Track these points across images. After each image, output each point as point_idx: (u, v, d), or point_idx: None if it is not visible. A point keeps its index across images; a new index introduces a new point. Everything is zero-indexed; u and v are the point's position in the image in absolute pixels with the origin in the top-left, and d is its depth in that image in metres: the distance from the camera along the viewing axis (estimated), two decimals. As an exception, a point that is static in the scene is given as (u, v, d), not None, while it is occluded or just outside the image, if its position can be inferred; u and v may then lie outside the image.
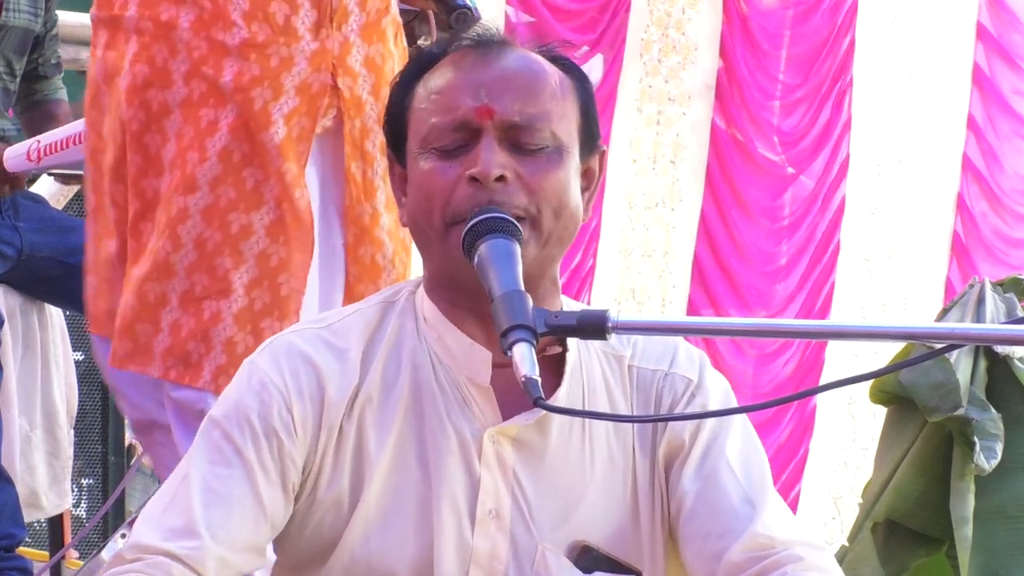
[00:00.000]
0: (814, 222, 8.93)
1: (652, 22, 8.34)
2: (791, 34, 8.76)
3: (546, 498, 2.05)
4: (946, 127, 9.68)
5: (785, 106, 8.79)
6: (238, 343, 2.91)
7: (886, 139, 9.40)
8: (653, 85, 8.42)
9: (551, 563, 2.04)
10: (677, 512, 2.08)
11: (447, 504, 2.02)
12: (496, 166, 1.99)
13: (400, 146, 2.10)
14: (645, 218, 8.50)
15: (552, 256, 2.05)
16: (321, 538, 2.05)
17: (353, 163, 3.03)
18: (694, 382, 2.12)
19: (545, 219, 2.02)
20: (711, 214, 8.61)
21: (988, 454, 4.91)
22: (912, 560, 5.06)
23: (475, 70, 2.04)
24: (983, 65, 9.68)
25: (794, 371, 8.72)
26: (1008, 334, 1.82)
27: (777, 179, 8.80)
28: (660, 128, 8.45)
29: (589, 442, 2.08)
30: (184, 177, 2.92)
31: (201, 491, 1.98)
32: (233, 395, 2.05)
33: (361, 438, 2.04)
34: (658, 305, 8.53)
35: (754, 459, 2.10)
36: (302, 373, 2.03)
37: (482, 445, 2.03)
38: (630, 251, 8.48)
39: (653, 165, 8.48)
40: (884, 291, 9.34)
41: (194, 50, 2.94)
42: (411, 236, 2.12)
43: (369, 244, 3.05)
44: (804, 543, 2.05)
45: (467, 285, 2.01)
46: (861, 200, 9.24)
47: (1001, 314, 5.06)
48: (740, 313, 8.49)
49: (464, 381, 2.05)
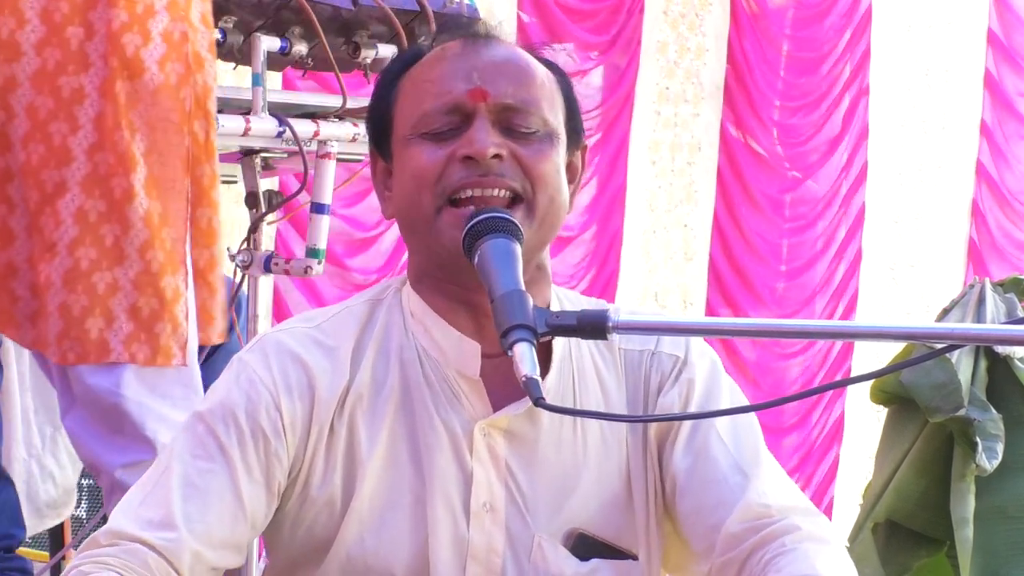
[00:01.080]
0: (831, 228, 8.91)
1: (667, 23, 8.32)
2: (796, 37, 8.75)
3: (540, 488, 2.04)
4: (961, 134, 9.71)
5: (787, 108, 8.78)
6: (142, 307, 2.85)
7: (906, 148, 9.42)
8: (670, 87, 8.40)
9: (548, 553, 2.03)
10: (672, 490, 2.07)
11: (441, 499, 2.02)
12: (492, 144, 1.99)
13: (383, 142, 2.09)
14: (665, 220, 8.49)
15: (542, 241, 2.05)
16: (315, 538, 2.04)
17: (196, 120, 2.94)
18: (680, 358, 2.12)
19: (540, 201, 2.01)
20: (723, 215, 8.60)
21: (989, 454, 4.91)
22: (914, 561, 5.07)
23: (466, 56, 2.04)
24: (992, 70, 9.72)
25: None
26: (1008, 334, 1.82)
27: (782, 180, 8.79)
28: (677, 130, 8.43)
29: (581, 429, 2.07)
30: (51, 150, 2.84)
31: (181, 484, 1.98)
32: (220, 391, 2.04)
33: (352, 437, 2.03)
34: (680, 307, 8.51)
35: (743, 428, 2.10)
36: (291, 372, 2.03)
37: (473, 438, 2.03)
38: (651, 254, 8.45)
39: (672, 167, 8.47)
40: (909, 298, 9.37)
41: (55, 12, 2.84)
42: (399, 228, 2.10)
43: (207, 207, 2.95)
44: (801, 510, 2.04)
45: (456, 272, 2.01)
46: (883, 209, 9.26)
47: (1001, 314, 5.06)
48: (756, 314, 8.49)
49: (453, 375, 2.05)
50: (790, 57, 8.81)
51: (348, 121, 3.55)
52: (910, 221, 9.50)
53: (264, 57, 3.38)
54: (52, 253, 2.84)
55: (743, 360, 8.52)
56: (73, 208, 2.83)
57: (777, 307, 8.64)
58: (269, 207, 3.59)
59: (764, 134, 8.69)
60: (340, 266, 6.71)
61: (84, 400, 2.90)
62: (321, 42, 3.40)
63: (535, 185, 2.01)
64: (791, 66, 8.81)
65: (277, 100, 3.46)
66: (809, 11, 8.82)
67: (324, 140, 3.52)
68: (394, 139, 2.07)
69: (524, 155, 2.01)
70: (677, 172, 8.49)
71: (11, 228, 2.89)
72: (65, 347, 2.87)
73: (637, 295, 8.42)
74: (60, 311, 2.85)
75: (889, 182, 9.32)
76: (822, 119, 8.89)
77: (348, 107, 3.50)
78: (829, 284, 8.94)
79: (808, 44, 8.83)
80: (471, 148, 1.99)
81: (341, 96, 3.47)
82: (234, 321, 3.73)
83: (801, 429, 8.79)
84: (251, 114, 3.38)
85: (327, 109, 3.54)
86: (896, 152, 9.37)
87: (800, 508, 2.05)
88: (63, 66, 2.84)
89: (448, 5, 3.59)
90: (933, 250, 9.53)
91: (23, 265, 2.89)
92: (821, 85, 8.88)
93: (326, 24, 3.43)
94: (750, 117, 8.59)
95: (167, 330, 2.88)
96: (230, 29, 3.35)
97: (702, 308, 8.57)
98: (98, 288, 2.84)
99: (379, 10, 3.50)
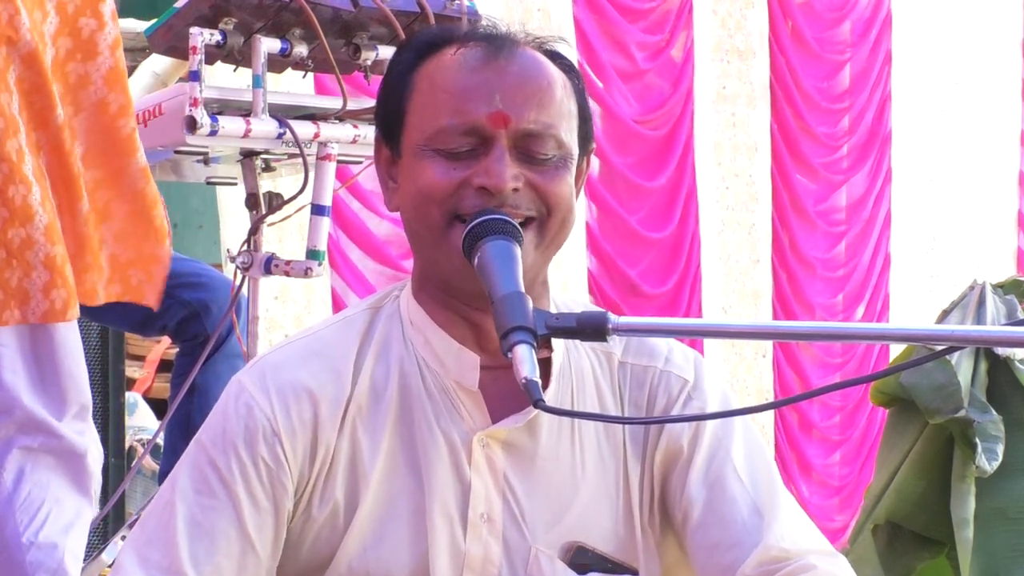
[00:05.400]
0: (863, 233, 8.89)
1: (717, 23, 8.30)
2: (825, 40, 8.72)
3: (538, 500, 2.04)
4: (1001, 146, 9.75)
5: (826, 111, 8.76)
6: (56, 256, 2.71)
7: (938, 158, 9.41)
8: (727, 86, 8.38)
9: (545, 566, 2.03)
10: (684, 520, 2.06)
11: (439, 510, 2.01)
12: (511, 178, 1.97)
13: (392, 134, 2.06)
14: (731, 221, 8.45)
15: (547, 259, 2.04)
16: (318, 553, 2.03)
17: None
18: (690, 383, 2.10)
19: (552, 224, 2.01)
20: (776, 218, 8.57)
21: (989, 456, 4.91)
22: (916, 563, 5.07)
23: (487, 72, 2.00)
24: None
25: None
26: (1009, 336, 1.81)
27: (826, 183, 8.78)
28: (736, 131, 8.41)
29: (579, 442, 2.07)
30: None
31: (186, 523, 1.98)
32: (219, 418, 2.03)
33: (354, 449, 2.02)
34: (751, 309, 8.47)
35: (760, 465, 2.09)
36: (291, 399, 2.01)
37: (471, 449, 2.02)
38: (727, 256, 8.41)
39: (734, 168, 8.44)
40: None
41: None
42: (405, 230, 2.08)
43: (20, 183, 2.75)
44: (818, 551, 2.04)
45: (460, 288, 2.01)
46: (919, 220, 9.25)
47: (1002, 316, 5.06)
48: (805, 317, 8.44)
49: (452, 385, 2.04)
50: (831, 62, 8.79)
51: (348, 123, 3.55)
52: (947, 233, 9.51)
53: (264, 59, 3.38)
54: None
55: (802, 371, 8.48)
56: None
57: (822, 310, 8.62)
58: (269, 209, 3.59)
59: (806, 136, 8.65)
60: (397, 268, 6.68)
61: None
62: (321, 44, 3.40)
63: (550, 210, 2.00)
64: (827, 71, 8.78)
65: (277, 102, 3.46)
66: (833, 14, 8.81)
67: (324, 142, 3.52)
68: (405, 141, 2.04)
69: (540, 183, 1.99)
70: (740, 172, 8.42)
71: None
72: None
73: (719, 298, 8.33)
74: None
75: (923, 191, 9.32)
76: (853, 124, 8.86)
77: (348, 109, 3.50)
78: (863, 292, 8.92)
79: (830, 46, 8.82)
80: (489, 181, 1.97)
81: (342, 98, 3.47)
82: (234, 323, 3.73)
83: (847, 443, 8.75)
84: (251, 116, 3.39)
85: (327, 111, 3.54)
86: (929, 163, 9.38)
87: (817, 550, 2.04)
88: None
89: (449, 6, 3.59)
90: (975, 261, 9.50)
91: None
92: (855, 90, 8.86)
93: (326, 26, 3.43)
94: (791, 119, 8.54)
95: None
96: (230, 31, 3.35)
97: (768, 310, 8.49)
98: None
99: (379, 12, 3.49)
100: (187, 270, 3.92)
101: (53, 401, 2.78)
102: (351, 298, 6.41)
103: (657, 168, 7.82)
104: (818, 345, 8.47)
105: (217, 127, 3.32)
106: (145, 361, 7.35)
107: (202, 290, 3.92)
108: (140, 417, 6.71)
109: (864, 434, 8.72)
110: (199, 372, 3.72)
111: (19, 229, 2.68)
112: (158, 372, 7.28)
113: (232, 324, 3.73)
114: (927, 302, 9.12)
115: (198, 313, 3.89)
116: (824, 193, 8.77)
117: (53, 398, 2.78)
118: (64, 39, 2.77)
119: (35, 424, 2.76)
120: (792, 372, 8.44)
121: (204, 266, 4.02)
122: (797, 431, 8.41)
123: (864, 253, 8.89)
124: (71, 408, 2.79)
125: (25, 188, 2.69)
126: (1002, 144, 9.82)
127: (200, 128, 3.30)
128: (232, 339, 3.84)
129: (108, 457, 5.33)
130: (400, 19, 3.52)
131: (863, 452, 8.70)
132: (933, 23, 9.36)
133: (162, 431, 3.91)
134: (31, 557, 2.75)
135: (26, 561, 2.75)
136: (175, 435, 3.91)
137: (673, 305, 7.75)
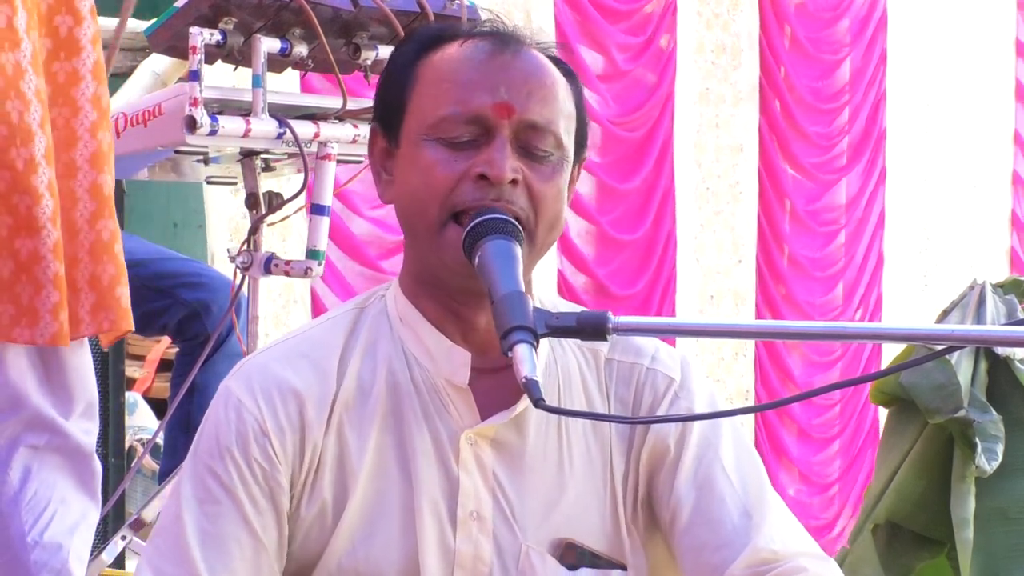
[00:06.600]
0: (856, 233, 8.90)
1: (702, 25, 8.30)
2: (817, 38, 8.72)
3: (527, 497, 2.04)
4: (995, 146, 9.75)
5: (820, 111, 8.76)
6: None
7: (932, 158, 9.42)
8: (710, 87, 8.38)
9: (535, 563, 2.03)
10: (672, 521, 2.06)
11: (428, 507, 2.02)
12: (511, 170, 1.98)
13: (391, 124, 2.06)
14: (714, 223, 8.45)
15: (534, 262, 2.04)
16: (308, 551, 2.04)
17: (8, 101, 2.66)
18: (676, 382, 2.10)
19: (540, 230, 2.01)
20: (763, 218, 8.57)
21: (989, 456, 4.91)
22: (916, 563, 5.07)
23: (492, 65, 2.01)
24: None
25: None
26: (1009, 336, 1.81)
27: (819, 183, 8.77)
28: (720, 132, 8.41)
29: (567, 439, 2.07)
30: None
31: (197, 532, 1.99)
32: (211, 425, 2.04)
33: (342, 447, 2.03)
34: (732, 309, 8.47)
35: (749, 466, 2.09)
36: (278, 400, 2.02)
37: (459, 447, 2.03)
38: (702, 257, 8.41)
39: (717, 168, 8.44)
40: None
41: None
42: (399, 222, 2.08)
43: (25, 194, 2.60)
44: (808, 554, 2.04)
45: (453, 286, 2.01)
46: (913, 219, 9.25)
47: (1001, 315, 5.06)
48: (794, 316, 8.45)
49: (442, 383, 2.04)
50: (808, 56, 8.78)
51: (348, 122, 3.55)
52: (940, 233, 9.51)
53: (264, 58, 3.38)
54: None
55: (787, 371, 8.48)
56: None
57: (812, 309, 8.62)
58: (269, 208, 3.59)
59: (796, 135, 8.65)
60: (376, 269, 6.69)
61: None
62: (321, 43, 3.40)
63: (538, 215, 2.00)
64: (820, 70, 8.78)
65: (277, 102, 3.46)
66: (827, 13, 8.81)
67: (324, 141, 3.52)
68: (405, 130, 2.04)
69: (534, 181, 1.99)
70: (723, 173, 8.42)
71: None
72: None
73: (694, 299, 8.33)
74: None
75: (918, 192, 9.32)
76: (847, 124, 8.86)
77: (348, 108, 3.50)
78: (854, 293, 8.92)
79: (824, 45, 8.82)
80: (490, 170, 1.97)
81: (341, 97, 3.47)
82: (234, 323, 3.73)
83: (843, 436, 8.75)
84: (251, 115, 3.39)
85: (327, 110, 3.54)
86: (923, 163, 9.38)
87: (807, 552, 2.04)
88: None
89: (449, 6, 3.59)
90: (969, 262, 9.50)
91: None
92: (846, 89, 8.86)
93: (326, 25, 3.43)
94: (782, 118, 8.54)
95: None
96: (230, 31, 3.35)
97: (751, 310, 8.50)
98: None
99: (379, 11, 3.49)
100: (187, 270, 3.93)
101: (60, 399, 2.77)
102: (330, 298, 6.42)
103: (632, 169, 7.83)
104: (808, 344, 8.48)
105: (217, 127, 3.32)
106: (145, 361, 7.35)
107: (202, 290, 3.92)
108: (140, 417, 6.72)
109: (855, 432, 8.73)
110: (199, 372, 3.72)
111: (25, 240, 2.63)
112: (158, 372, 7.28)
113: (232, 324, 3.74)
114: (920, 301, 9.13)
115: (198, 313, 3.90)
116: (817, 193, 8.78)
117: (60, 396, 2.77)
118: (43, 39, 2.73)
119: (42, 422, 2.75)
120: (776, 371, 8.45)
121: (204, 266, 4.03)
122: (778, 427, 8.42)
123: (857, 252, 8.91)
124: (78, 406, 2.78)
125: (31, 199, 2.62)
126: (996, 144, 9.84)
127: (200, 128, 3.30)
128: (232, 339, 3.85)
129: (108, 457, 5.34)
130: (400, 19, 3.52)
131: (852, 450, 8.71)
132: (928, 23, 9.36)
133: (162, 431, 3.91)
134: (35, 557, 2.75)
135: (30, 560, 2.75)
136: (175, 435, 3.92)
137: (644, 307, 7.77)
